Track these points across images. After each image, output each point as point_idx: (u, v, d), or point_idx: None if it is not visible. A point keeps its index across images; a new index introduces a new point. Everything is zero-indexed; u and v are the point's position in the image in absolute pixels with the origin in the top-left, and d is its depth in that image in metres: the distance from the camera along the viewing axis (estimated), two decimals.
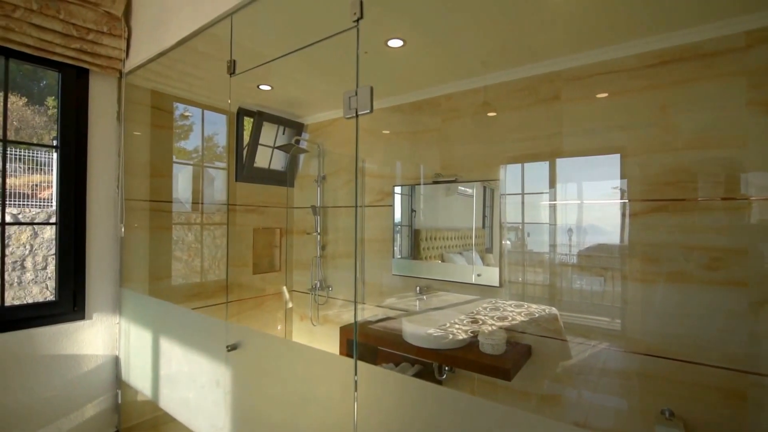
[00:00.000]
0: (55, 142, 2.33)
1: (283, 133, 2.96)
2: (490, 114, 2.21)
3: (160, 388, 2.05)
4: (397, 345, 2.25)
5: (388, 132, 2.66)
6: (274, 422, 1.47)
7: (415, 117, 2.49)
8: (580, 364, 1.86)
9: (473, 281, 2.33)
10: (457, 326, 2.25)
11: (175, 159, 2.65)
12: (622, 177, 1.75)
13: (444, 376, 2.23)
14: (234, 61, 1.74)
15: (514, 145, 2.11)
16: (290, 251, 3.10)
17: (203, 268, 2.71)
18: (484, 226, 2.37)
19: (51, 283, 5.43)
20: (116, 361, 2.35)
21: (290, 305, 3.02)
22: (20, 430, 2.01)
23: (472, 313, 2.33)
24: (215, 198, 2.83)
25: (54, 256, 5.35)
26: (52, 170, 5.66)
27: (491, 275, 2.25)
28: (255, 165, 2.84)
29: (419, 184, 2.53)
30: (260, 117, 2.82)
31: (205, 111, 2.78)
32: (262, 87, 2.52)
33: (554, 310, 1.99)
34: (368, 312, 2.72)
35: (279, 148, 2.93)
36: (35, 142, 3.35)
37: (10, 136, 1.96)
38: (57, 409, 2.13)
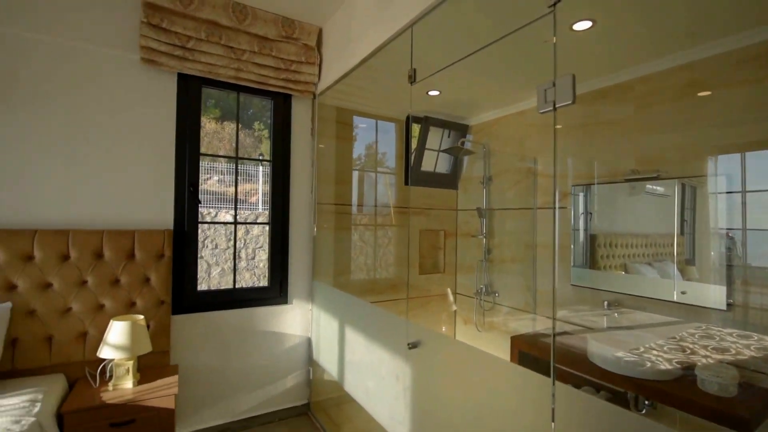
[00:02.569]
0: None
1: (449, 136, 2.98)
2: (702, 94, 1.77)
3: (344, 371, 2.29)
4: (577, 364, 2.00)
5: (560, 126, 2.39)
6: (454, 426, 1.46)
7: (595, 107, 2.18)
8: None
9: (675, 299, 1.91)
10: (654, 352, 1.87)
11: (353, 166, 2.95)
12: None
13: (644, 411, 1.88)
14: (414, 69, 1.81)
15: (732, 130, 1.64)
16: (454, 254, 3.10)
17: (375, 266, 2.94)
18: (683, 233, 1.92)
19: (257, 270, 6.78)
20: (309, 342, 2.74)
21: (454, 308, 3.02)
22: (243, 387, 2.53)
23: (675, 338, 1.91)
24: (386, 201, 3.04)
25: (260, 249, 6.50)
26: (258, 180, 7.08)
27: (701, 293, 1.79)
28: (422, 169, 2.94)
29: (595, 183, 2.20)
30: (427, 122, 2.90)
31: (378, 121, 3.01)
32: (431, 93, 2.59)
33: None
34: (539, 323, 2.50)
35: (445, 151, 2.96)
36: (252, 157, 4.14)
37: (231, 153, 2.54)
38: (267, 375, 2.60)
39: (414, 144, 2.94)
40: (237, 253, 6.28)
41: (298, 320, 2.71)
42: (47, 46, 2.02)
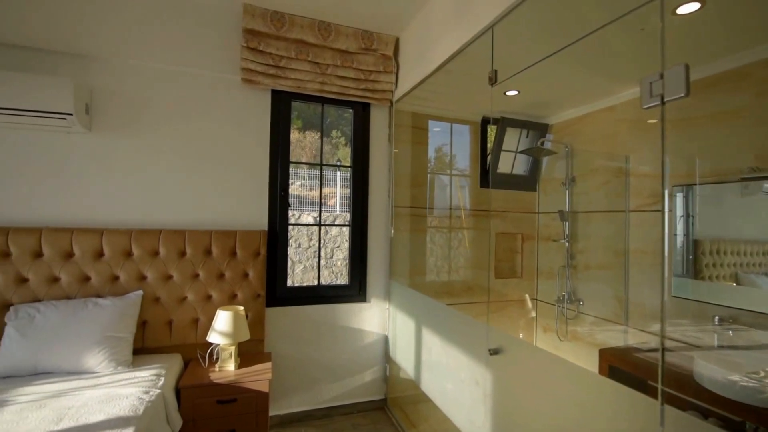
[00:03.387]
0: (339, 163, 3.04)
1: (527, 137, 2.89)
2: None
3: (420, 370, 2.34)
4: (681, 385, 1.81)
5: (654, 121, 2.19)
6: None
7: (700, 98, 1.96)
8: None
9: None
10: None
11: (428, 170, 2.99)
12: None
13: None
14: (496, 71, 1.81)
15: None
16: (532, 258, 2.99)
17: (450, 269, 2.95)
18: None
19: (335, 269, 7.15)
20: (386, 340, 2.84)
21: (533, 314, 2.91)
22: (325, 377, 2.70)
23: None
24: (461, 204, 3.04)
25: (337, 249, 6.82)
26: (336, 184, 7.48)
27: None
28: (498, 171, 2.89)
29: (697, 183, 1.97)
30: (503, 123, 2.84)
31: (453, 124, 3.02)
32: (509, 93, 2.54)
33: None
34: (632, 337, 2.31)
35: (523, 152, 2.88)
36: (333, 164, 4.39)
37: (311, 160, 2.77)
38: (347, 369, 2.75)
39: (489, 146, 2.90)
40: (311, 252, 6.71)
41: (376, 318, 2.82)
42: (168, 73, 2.38)
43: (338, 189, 7.04)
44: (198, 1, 2.38)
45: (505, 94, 2.56)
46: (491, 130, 2.95)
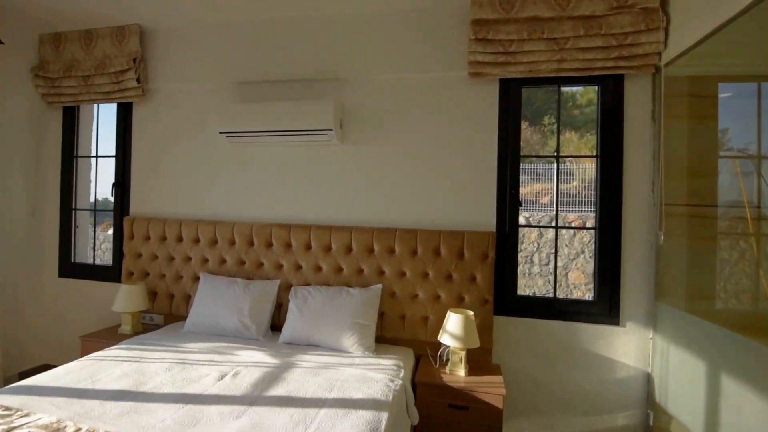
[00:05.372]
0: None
1: None
2: None
3: None
4: None
5: None
6: None
7: None
8: None
9: None
10: None
11: (718, 154, 2.15)
12: None
13: None
14: None
15: None
16: None
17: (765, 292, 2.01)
18: None
19: (552, 278, 6.36)
20: (648, 378, 2.19)
21: None
22: (563, 407, 2.28)
23: None
24: None
25: (553, 255, 6.04)
26: (550, 179, 6.65)
27: None
28: None
29: None
30: None
31: (763, 83, 2.07)
32: None
33: None
34: None
35: None
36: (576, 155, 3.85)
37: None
38: (592, 403, 2.25)
39: None
40: (530, 258, 6.07)
41: (633, 348, 2.21)
42: (397, 81, 2.51)
43: (555, 185, 6.10)
44: (422, 6, 2.43)
45: None
46: None
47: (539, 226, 5.47)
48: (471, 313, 2.12)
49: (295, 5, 2.51)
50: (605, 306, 2.25)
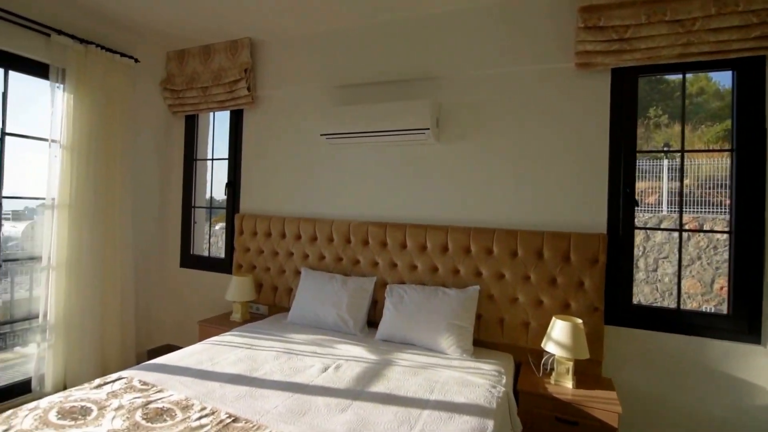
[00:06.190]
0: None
1: None
2: None
3: None
4: None
5: None
6: None
7: None
8: None
9: None
10: None
11: None
12: None
13: None
14: None
15: None
16: None
17: None
18: None
19: (661, 285, 5.71)
20: None
21: None
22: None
23: None
24: None
25: (665, 261, 5.43)
26: (659, 177, 5.96)
27: None
28: None
29: None
30: None
31: None
32: None
33: None
34: None
35: None
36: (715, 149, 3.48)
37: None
38: (726, 431, 1.98)
39: None
40: (635, 263, 5.51)
41: None
42: (499, 76, 2.43)
43: (665, 183, 5.46)
44: None
45: None
46: None
47: (659, 229, 4.79)
48: (579, 320, 1.98)
49: (390, 6, 2.56)
50: (743, 321, 1.97)
